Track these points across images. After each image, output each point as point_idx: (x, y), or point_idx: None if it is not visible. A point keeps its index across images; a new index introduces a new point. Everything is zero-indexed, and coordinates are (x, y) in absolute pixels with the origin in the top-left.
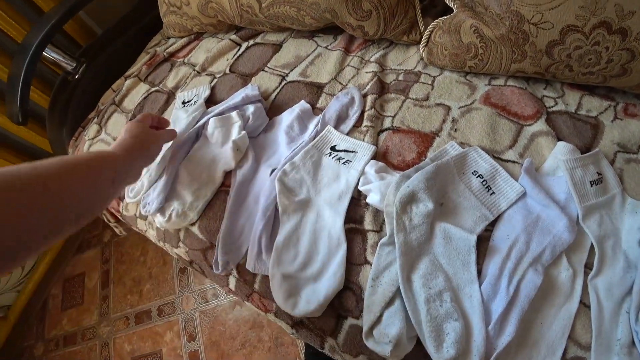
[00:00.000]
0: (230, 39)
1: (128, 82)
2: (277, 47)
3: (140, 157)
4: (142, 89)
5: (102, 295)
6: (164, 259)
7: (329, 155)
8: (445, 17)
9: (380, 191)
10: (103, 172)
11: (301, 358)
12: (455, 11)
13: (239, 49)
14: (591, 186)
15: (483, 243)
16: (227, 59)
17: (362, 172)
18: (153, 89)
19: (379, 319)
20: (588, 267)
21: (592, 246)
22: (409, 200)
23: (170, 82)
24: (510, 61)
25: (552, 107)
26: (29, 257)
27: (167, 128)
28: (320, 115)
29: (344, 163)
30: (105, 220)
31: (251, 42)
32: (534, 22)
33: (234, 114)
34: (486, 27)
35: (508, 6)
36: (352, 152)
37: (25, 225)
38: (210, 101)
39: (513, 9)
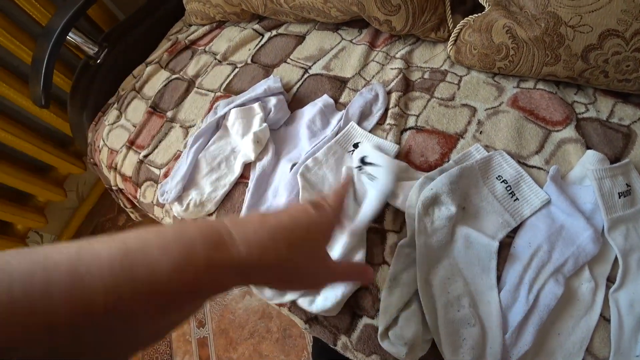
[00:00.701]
0: (252, 29)
1: (149, 68)
2: (301, 38)
3: (261, 278)
4: (162, 76)
5: None
6: None
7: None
8: (476, 15)
9: (404, 193)
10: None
11: (308, 351)
12: (487, 9)
13: (261, 39)
14: (619, 198)
15: (504, 250)
16: (249, 49)
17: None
18: (173, 76)
19: (395, 321)
20: (610, 280)
21: (615, 259)
22: (432, 202)
23: (190, 70)
24: (542, 64)
25: (583, 113)
26: None
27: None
28: (344, 111)
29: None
30: (122, 205)
31: (274, 32)
32: (572, 24)
33: (255, 105)
34: (520, 27)
35: (545, 7)
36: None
37: None
38: (231, 91)
39: (550, 10)
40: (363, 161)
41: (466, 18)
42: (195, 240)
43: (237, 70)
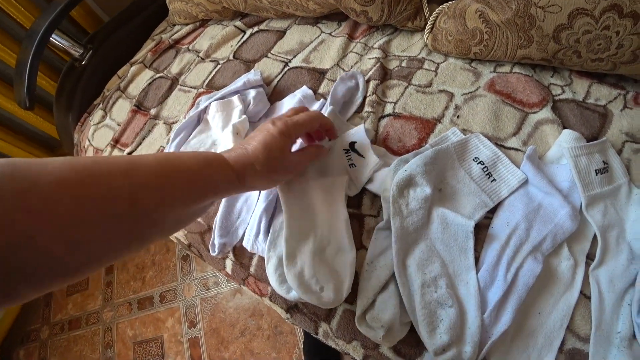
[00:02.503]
0: (234, 26)
1: (133, 68)
2: (281, 33)
3: (258, 184)
4: (146, 75)
5: (106, 281)
6: (167, 246)
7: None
8: (450, 2)
9: (380, 177)
10: (207, 194)
11: (300, 347)
12: None
13: (243, 36)
14: (596, 175)
15: (482, 230)
16: (231, 46)
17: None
18: (157, 75)
19: (372, 304)
20: (590, 257)
21: (595, 237)
22: (406, 184)
23: (174, 69)
24: (516, 47)
25: (559, 95)
26: (80, 277)
27: (325, 142)
28: (322, 100)
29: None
30: None
31: (255, 28)
32: (541, 5)
33: (234, 98)
34: (492, 11)
35: None
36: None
37: (91, 244)
38: (213, 87)
39: None
40: (352, 146)
41: (441, 5)
42: (210, 155)
43: (219, 66)
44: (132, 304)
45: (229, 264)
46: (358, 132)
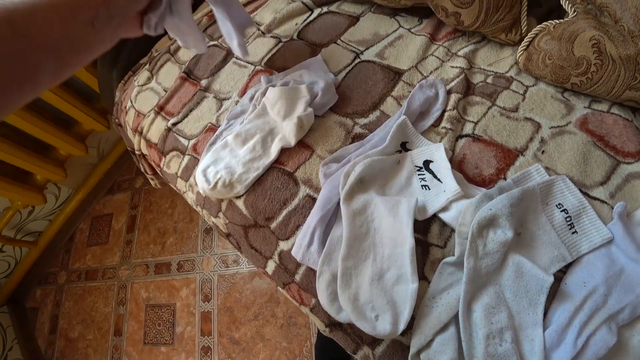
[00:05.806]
0: (302, 2)
1: None
2: (354, 19)
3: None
4: None
5: (127, 239)
6: (192, 216)
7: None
8: (558, 20)
9: (457, 208)
10: (77, 9)
11: (312, 342)
12: (571, 16)
13: (310, 15)
14: None
15: (553, 284)
16: (296, 24)
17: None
18: (211, 42)
19: (428, 343)
20: None
21: None
22: (488, 224)
23: None
24: (625, 87)
25: None
26: None
27: None
28: (400, 108)
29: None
30: (142, 169)
31: (325, 9)
32: None
33: (302, 87)
34: (611, 42)
35: None
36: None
37: None
38: (272, 66)
39: None
40: (427, 165)
41: (545, 23)
42: None
43: (281, 44)
44: (149, 267)
45: (271, 265)
46: (436, 151)
